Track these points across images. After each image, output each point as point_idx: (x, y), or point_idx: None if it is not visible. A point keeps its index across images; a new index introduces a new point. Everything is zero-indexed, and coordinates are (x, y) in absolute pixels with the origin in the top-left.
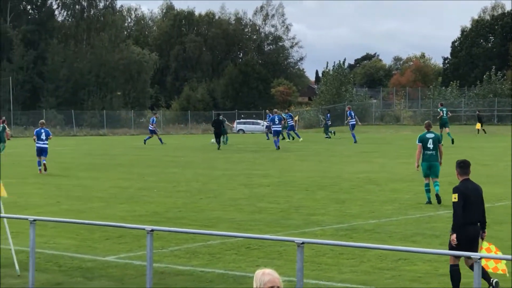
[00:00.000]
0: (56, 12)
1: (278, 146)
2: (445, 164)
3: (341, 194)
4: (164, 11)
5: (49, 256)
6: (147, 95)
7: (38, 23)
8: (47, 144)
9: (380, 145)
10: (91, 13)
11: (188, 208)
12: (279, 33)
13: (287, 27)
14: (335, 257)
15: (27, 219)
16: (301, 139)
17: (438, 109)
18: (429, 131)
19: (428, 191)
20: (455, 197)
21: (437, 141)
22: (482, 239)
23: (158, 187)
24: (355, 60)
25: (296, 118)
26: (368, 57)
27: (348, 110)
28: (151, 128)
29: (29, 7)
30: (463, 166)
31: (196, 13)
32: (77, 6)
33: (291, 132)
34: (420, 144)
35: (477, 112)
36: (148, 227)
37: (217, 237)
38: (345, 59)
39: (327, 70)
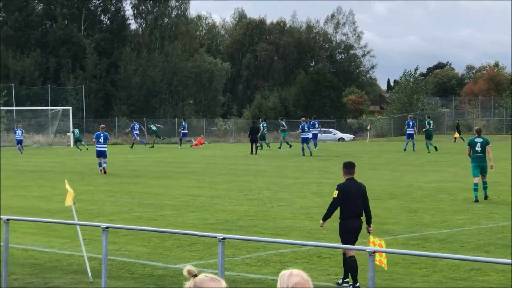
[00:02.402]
0: (129, 21)
1: (307, 153)
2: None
3: (413, 203)
4: (236, 19)
5: (121, 263)
6: (218, 103)
7: (112, 31)
8: (105, 147)
9: (452, 154)
10: (164, 21)
11: (260, 216)
12: (351, 42)
13: (358, 36)
14: (407, 266)
15: (99, 226)
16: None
17: (426, 122)
18: (478, 136)
19: (476, 190)
20: (335, 194)
21: (485, 144)
22: (369, 233)
23: (229, 196)
24: (427, 69)
25: (368, 127)
26: (440, 65)
27: (407, 120)
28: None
29: (103, 16)
30: (348, 167)
31: (268, 21)
32: (150, 15)
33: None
34: (469, 147)
35: (457, 121)
36: (220, 235)
37: (288, 246)
38: (417, 67)
39: (398, 79)
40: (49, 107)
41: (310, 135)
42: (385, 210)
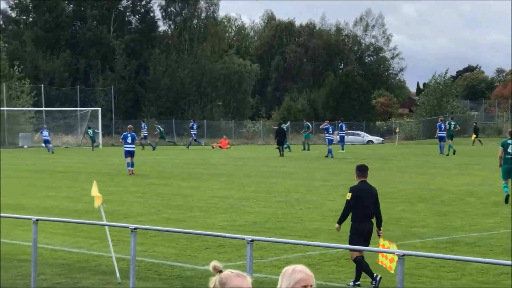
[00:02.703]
0: (159, 23)
1: (332, 155)
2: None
3: (442, 206)
4: (265, 21)
5: (149, 264)
6: (247, 105)
7: (141, 33)
8: (133, 147)
9: (481, 157)
10: (193, 23)
11: (288, 219)
12: (380, 44)
13: (387, 38)
14: (435, 270)
15: (128, 227)
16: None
17: (447, 122)
18: (511, 138)
19: (506, 187)
20: (348, 196)
21: None
22: (379, 236)
23: (257, 197)
24: (457, 72)
25: (397, 129)
26: (470, 68)
27: (439, 123)
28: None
29: (132, 17)
30: (361, 170)
31: (297, 23)
32: (179, 17)
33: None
34: (502, 148)
35: (474, 124)
36: (248, 237)
37: (316, 248)
38: (447, 70)
39: (427, 82)
40: (78, 108)
41: (333, 137)
42: (414, 213)
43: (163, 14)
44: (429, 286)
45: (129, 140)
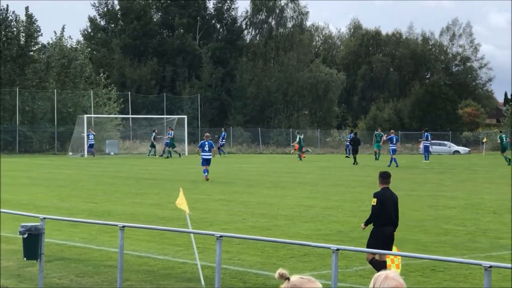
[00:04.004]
0: (245, 31)
1: (393, 164)
2: None
3: None
4: (352, 30)
5: (234, 272)
6: (333, 114)
7: (227, 41)
8: (210, 155)
9: None
10: (280, 32)
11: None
12: (467, 54)
13: (475, 48)
14: None
15: (213, 235)
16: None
17: (498, 137)
18: None
19: None
20: (374, 201)
21: None
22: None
23: (343, 207)
24: None
25: (484, 140)
26: None
27: (500, 134)
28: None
29: (218, 25)
30: (385, 177)
31: (383, 32)
32: (265, 25)
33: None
34: None
35: None
36: (334, 246)
37: (402, 258)
38: None
39: None
40: (165, 116)
41: (395, 147)
42: (502, 224)
43: (249, 22)
44: None
45: (206, 148)
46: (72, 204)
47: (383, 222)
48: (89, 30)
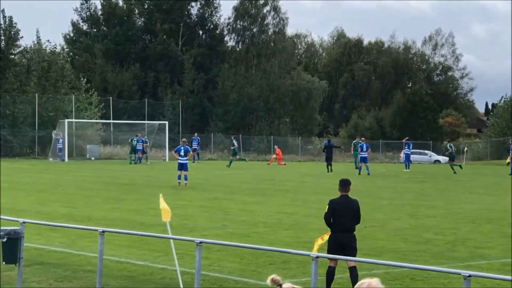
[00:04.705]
0: (227, 38)
1: (363, 172)
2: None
3: (509, 228)
4: (334, 38)
5: (213, 278)
6: (315, 122)
7: (209, 47)
8: (186, 159)
9: None
10: (261, 39)
11: None
12: (449, 63)
13: (457, 57)
14: None
15: (193, 241)
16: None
17: (450, 145)
18: None
19: None
20: (326, 209)
21: None
22: None
23: (323, 214)
24: None
25: (465, 149)
26: None
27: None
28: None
29: (201, 31)
30: (344, 184)
31: (365, 41)
32: (247, 32)
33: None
34: None
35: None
36: (313, 254)
37: (381, 266)
38: None
39: (497, 103)
40: (146, 121)
41: (366, 155)
42: (481, 234)
43: (231, 29)
44: None
45: (182, 153)
46: (52, 209)
47: (335, 229)
48: (72, 35)
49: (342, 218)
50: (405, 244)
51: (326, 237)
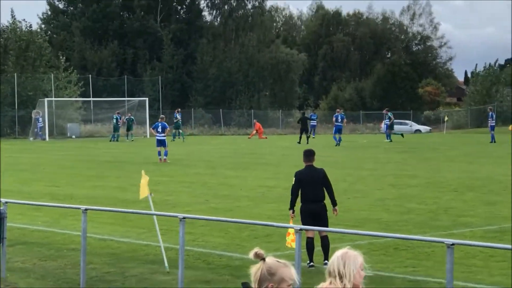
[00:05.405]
0: (205, 12)
1: (338, 143)
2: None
3: (491, 195)
4: (313, 10)
5: (198, 253)
6: (295, 95)
7: (187, 22)
8: (164, 136)
9: None
10: (240, 13)
11: None
12: (427, 33)
13: (435, 27)
14: (485, 259)
15: (176, 216)
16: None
17: (389, 114)
18: None
19: None
20: (293, 181)
21: None
22: (335, 213)
23: None
24: (505, 60)
25: (446, 118)
26: None
27: (490, 112)
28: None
29: (179, 7)
30: (308, 155)
31: (344, 12)
32: (225, 6)
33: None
34: None
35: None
36: (297, 226)
37: (365, 237)
38: (497, 60)
39: (476, 71)
40: (126, 98)
41: (341, 125)
42: (463, 202)
43: (209, 3)
44: (479, 276)
45: (159, 129)
46: (34, 188)
47: (306, 198)
48: (49, 13)
49: (310, 188)
50: (388, 214)
51: (292, 223)
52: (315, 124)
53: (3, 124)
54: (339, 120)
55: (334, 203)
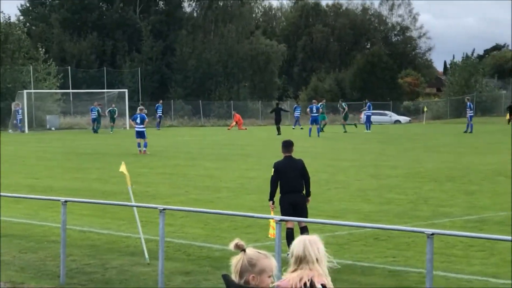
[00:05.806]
0: (184, 4)
1: (313, 134)
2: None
3: (470, 185)
4: (293, 2)
5: (178, 245)
6: (274, 86)
7: (167, 14)
8: (143, 127)
9: (509, 136)
10: (219, 4)
11: (316, 199)
12: (406, 23)
13: (414, 17)
14: (464, 249)
15: (156, 208)
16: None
17: (344, 104)
18: None
19: None
20: (272, 172)
21: None
22: (307, 201)
23: None
24: (484, 51)
25: (425, 109)
26: (497, 47)
27: (468, 103)
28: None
29: None
30: (286, 145)
31: (323, 3)
32: None
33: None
34: None
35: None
36: (277, 217)
37: (345, 228)
38: (474, 50)
39: (454, 61)
40: (105, 90)
41: (317, 116)
42: (442, 192)
43: None
44: (458, 266)
45: (138, 120)
46: (14, 180)
47: (285, 189)
48: (28, 5)
49: (289, 179)
50: (368, 205)
51: (272, 214)
52: (299, 115)
53: None
54: (314, 111)
55: (308, 194)
